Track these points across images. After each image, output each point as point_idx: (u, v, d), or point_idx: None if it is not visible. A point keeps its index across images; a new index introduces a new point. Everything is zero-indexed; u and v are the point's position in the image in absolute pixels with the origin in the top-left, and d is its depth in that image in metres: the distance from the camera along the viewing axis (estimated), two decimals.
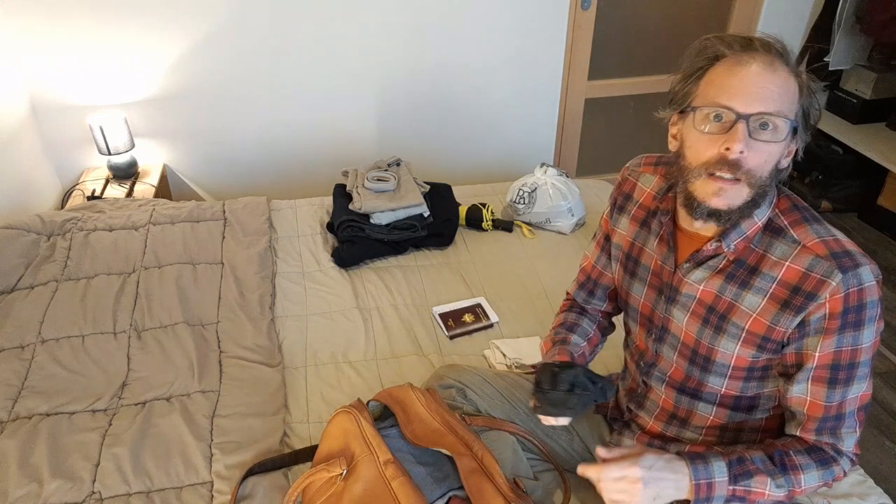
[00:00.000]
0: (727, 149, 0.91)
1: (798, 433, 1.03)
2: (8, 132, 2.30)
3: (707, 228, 1.02)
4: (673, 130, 1.03)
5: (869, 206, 3.09)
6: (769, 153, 0.92)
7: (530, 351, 1.66)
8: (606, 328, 1.36)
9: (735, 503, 0.99)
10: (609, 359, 1.65)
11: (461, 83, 2.82)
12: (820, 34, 2.97)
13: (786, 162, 0.97)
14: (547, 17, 2.73)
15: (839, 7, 2.85)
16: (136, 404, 1.48)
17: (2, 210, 2.18)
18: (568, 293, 1.38)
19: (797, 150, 0.97)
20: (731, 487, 0.97)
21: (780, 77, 0.91)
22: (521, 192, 2.23)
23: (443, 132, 2.93)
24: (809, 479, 0.99)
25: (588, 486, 1.32)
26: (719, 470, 0.98)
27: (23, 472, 1.30)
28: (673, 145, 1.03)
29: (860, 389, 0.98)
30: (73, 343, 1.63)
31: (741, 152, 0.90)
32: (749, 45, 0.93)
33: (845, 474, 1.02)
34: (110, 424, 1.42)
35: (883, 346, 2.32)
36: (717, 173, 0.93)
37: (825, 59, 2.97)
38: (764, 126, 0.90)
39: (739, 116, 0.90)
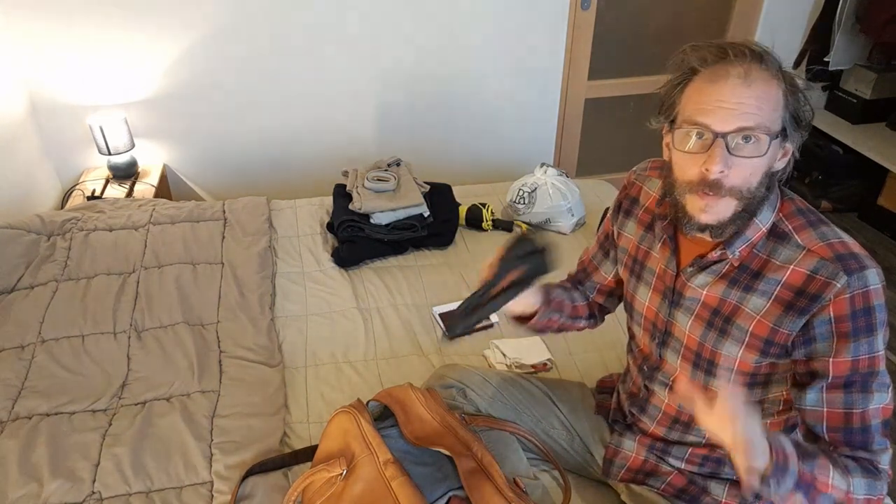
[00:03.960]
0: (707, 169, 0.91)
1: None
2: (8, 132, 2.29)
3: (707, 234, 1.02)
4: (666, 139, 1.03)
5: (869, 206, 3.09)
6: (753, 167, 0.91)
7: (530, 351, 1.65)
8: (594, 316, 1.36)
9: (800, 495, 0.90)
10: (610, 360, 1.65)
11: (461, 83, 2.81)
12: (819, 34, 2.97)
13: (781, 164, 0.96)
14: (547, 17, 2.73)
15: (839, 7, 2.85)
16: (135, 404, 1.48)
17: (2, 210, 2.18)
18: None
19: (792, 151, 0.96)
20: (799, 464, 0.90)
21: (757, 88, 0.89)
22: (521, 192, 2.23)
23: (443, 132, 2.92)
24: (858, 484, 0.92)
25: (587, 485, 1.32)
26: (786, 441, 0.90)
27: (23, 472, 1.30)
28: (666, 154, 1.03)
29: (882, 400, 0.94)
30: (73, 343, 1.63)
31: (721, 172, 0.90)
32: (723, 57, 0.91)
33: (884, 496, 0.96)
34: (110, 424, 1.42)
35: None
36: (701, 192, 0.93)
37: (825, 59, 2.97)
38: (746, 139, 0.90)
39: (717, 135, 0.90)
